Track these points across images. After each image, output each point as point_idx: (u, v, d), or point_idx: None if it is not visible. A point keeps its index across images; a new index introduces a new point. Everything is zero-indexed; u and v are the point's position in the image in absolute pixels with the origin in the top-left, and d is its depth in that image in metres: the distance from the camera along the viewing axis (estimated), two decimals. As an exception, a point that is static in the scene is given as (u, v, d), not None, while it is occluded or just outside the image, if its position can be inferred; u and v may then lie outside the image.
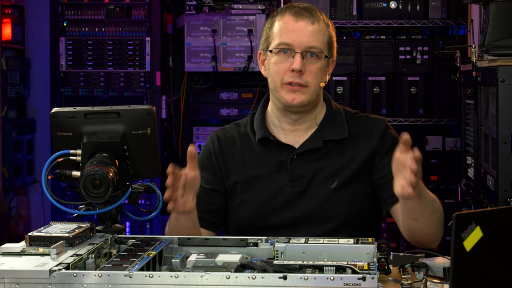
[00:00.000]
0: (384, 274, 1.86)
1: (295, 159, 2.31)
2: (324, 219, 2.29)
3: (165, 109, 5.34)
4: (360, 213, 2.32)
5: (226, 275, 1.64)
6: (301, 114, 2.32)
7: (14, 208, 5.72)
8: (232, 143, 2.39)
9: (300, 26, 2.27)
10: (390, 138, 2.35)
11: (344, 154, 2.32)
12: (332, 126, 2.33)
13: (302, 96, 2.26)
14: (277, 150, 2.33)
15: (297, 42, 2.26)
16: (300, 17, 2.28)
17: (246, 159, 2.35)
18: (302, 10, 2.30)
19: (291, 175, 2.30)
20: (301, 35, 2.26)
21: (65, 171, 2.05)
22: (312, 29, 2.27)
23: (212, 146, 2.40)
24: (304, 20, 2.27)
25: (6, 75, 5.41)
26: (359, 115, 2.40)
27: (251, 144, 2.37)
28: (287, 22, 2.28)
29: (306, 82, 2.26)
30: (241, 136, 2.39)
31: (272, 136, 2.33)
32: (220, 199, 2.37)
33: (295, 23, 2.27)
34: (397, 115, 4.91)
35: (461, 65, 4.41)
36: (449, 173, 4.78)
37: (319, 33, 2.28)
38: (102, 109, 2.09)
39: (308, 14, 2.28)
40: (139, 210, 2.26)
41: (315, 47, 2.27)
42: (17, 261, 1.75)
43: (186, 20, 5.22)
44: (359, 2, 4.92)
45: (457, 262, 1.47)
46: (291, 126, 2.34)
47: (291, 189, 2.30)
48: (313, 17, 2.28)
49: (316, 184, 2.30)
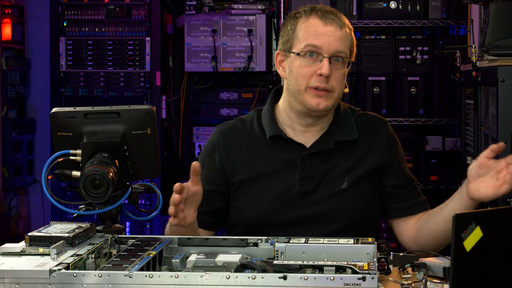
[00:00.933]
0: (384, 274, 1.86)
1: (306, 159, 2.31)
2: (332, 219, 2.29)
3: (165, 109, 5.34)
4: (367, 214, 2.33)
5: (226, 275, 1.64)
6: (318, 118, 2.32)
7: (14, 208, 5.72)
8: (237, 139, 2.37)
9: (329, 30, 2.25)
10: (398, 146, 2.40)
11: (353, 155, 2.33)
12: (342, 127, 2.34)
13: (327, 101, 2.26)
14: (287, 149, 2.33)
15: (326, 46, 2.24)
16: (328, 21, 2.26)
17: (253, 156, 2.34)
18: (329, 13, 2.28)
19: (301, 174, 2.30)
20: (330, 40, 2.25)
21: (65, 171, 2.05)
22: (340, 34, 2.26)
23: (216, 143, 2.37)
24: (333, 25, 2.26)
25: (6, 75, 5.41)
26: (362, 113, 2.42)
27: (258, 140, 2.35)
28: (315, 25, 2.26)
29: (332, 87, 2.25)
30: (247, 132, 2.37)
31: (284, 134, 2.33)
32: (219, 200, 2.36)
33: (324, 27, 2.26)
34: (397, 115, 4.91)
35: (461, 65, 4.41)
36: (449, 173, 4.77)
37: (346, 38, 2.28)
38: (102, 109, 2.09)
39: (336, 19, 2.27)
40: (139, 210, 2.26)
41: (343, 52, 2.26)
42: (17, 261, 1.75)
43: (186, 20, 5.22)
44: (359, 2, 4.92)
45: (457, 262, 1.47)
46: (304, 127, 2.34)
47: (301, 189, 2.30)
48: (340, 22, 2.27)
49: (326, 185, 2.30)
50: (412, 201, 2.37)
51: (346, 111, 2.39)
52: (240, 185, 2.34)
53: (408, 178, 2.39)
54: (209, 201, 2.33)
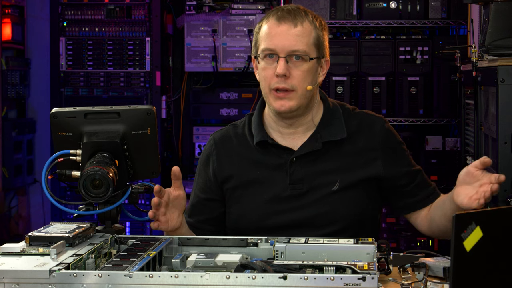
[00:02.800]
0: (384, 274, 1.86)
1: (294, 162, 2.29)
2: (326, 221, 2.27)
3: (165, 109, 5.34)
4: (363, 215, 2.31)
5: (226, 275, 1.64)
6: (295, 118, 2.30)
7: (14, 208, 5.72)
8: (229, 146, 2.37)
9: (282, 30, 2.24)
10: (395, 142, 2.36)
11: (344, 154, 2.30)
12: (330, 127, 2.31)
13: (289, 102, 2.24)
14: (276, 153, 2.32)
15: (280, 46, 2.23)
16: (283, 20, 2.25)
17: (245, 162, 2.34)
18: (285, 13, 2.26)
19: (291, 178, 2.29)
20: (283, 39, 2.23)
21: (65, 171, 2.05)
22: (295, 32, 2.24)
23: (209, 152, 2.39)
24: (286, 24, 2.24)
25: (6, 75, 5.41)
26: (357, 111, 2.38)
27: (249, 146, 2.35)
28: (270, 27, 2.26)
29: (292, 86, 2.23)
30: (239, 138, 2.37)
31: (271, 139, 2.31)
32: (217, 207, 2.36)
33: (277, 27, 2.25)
34: (397, 115, 4.91)
35: (461, 65, 4.41)
36: (449, 173, 4.77)
37: (303, 35, 2.25)
38: (102, 109, 2.09)
39: (290, 17, 2.25)
40: (139, 210, 2.26)
41: (299, 50, 2.24)
42: (17, 261, 1.75)
43: (186, 20, 5.22)
44: (359, 2, 4.92)
45: (457, 262, 1.47)
46: (288, 129, 2.32)
47: (292, 192, 2.28)
48: (295, 20, 2.25)
49: (318, 187, 2.28)
50: (420, 195, 2.34)
51: (336, 109, 2.35)
52: (233, 191, 2.34)
53: (411, 173, 2.34)
54: (207, 209, 2.36)
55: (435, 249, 4.49)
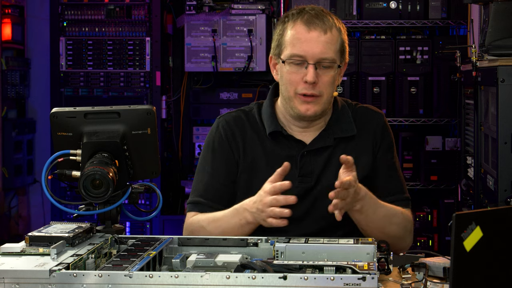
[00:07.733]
0: (384, 274, 1.86)
1: (305, 155, 2.32)
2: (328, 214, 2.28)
3: (165, 109, 5.34)
4: None
5: (226, 275, 1.64)
6: (312, 121, 2.33)
7: (14, 208, 5.72)
8: (243, 128, 2.37)
9: (312, 36, 2.24)
10: (389, 141, 2.40)
11: (351, 151, 2.32)
12: (341, 124, 2.35)
13: (315, 106, 2.27)
14: (287, 145, 2.33)
15: (310, 53, 2.24)
16: (312, 26, 2.25)
17: (258, 148, 2.34)
18: (314, 18, 2.26)
19: (301, 170, 2.31)
20: (314, 47, 2.24)
21: (65, 171, 2.05)
22: (325, 39, 2.25)
23: (223, 131, 2.37)
24: (317, 30, 2.24)
25: (6, 75, 5.41)
26: (359, 106, 2.43)
27: (260, 134, 2.36)
28: (299, 32, 2.25)
29: (319, 92, 2.26)
30: (251, 123, 2.38)
31: (285, 130, 2.34)
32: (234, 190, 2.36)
33: (307, 33, 2.25)
34: (397, 115, 4.91)
35: (461, 65, 4.41)
36: (449, 173, 4.77)
37: (332, 42, 2.26)
38: (102, 109, 2.09)
39: (320, 23, 2.25)
40: (139, 210, 2.27)
41: (328, 58, 2.25)
42: (17, 261, 1.75)
43: (186, 20, 5.22)
44: (359, 2, 4.92)
45: (457, 262, 1.47)
46: (301, 128, 2.35)
47: (300, 185, 2.30)
48: (325, 25, 2.25)
49: (325, 181, 2.30)
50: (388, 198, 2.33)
51: (344, 107, 2.39)
52: (242, 174, 2.34)
53: (390, 174, 2.36)
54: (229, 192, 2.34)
55: (435, 249, 4.50)
